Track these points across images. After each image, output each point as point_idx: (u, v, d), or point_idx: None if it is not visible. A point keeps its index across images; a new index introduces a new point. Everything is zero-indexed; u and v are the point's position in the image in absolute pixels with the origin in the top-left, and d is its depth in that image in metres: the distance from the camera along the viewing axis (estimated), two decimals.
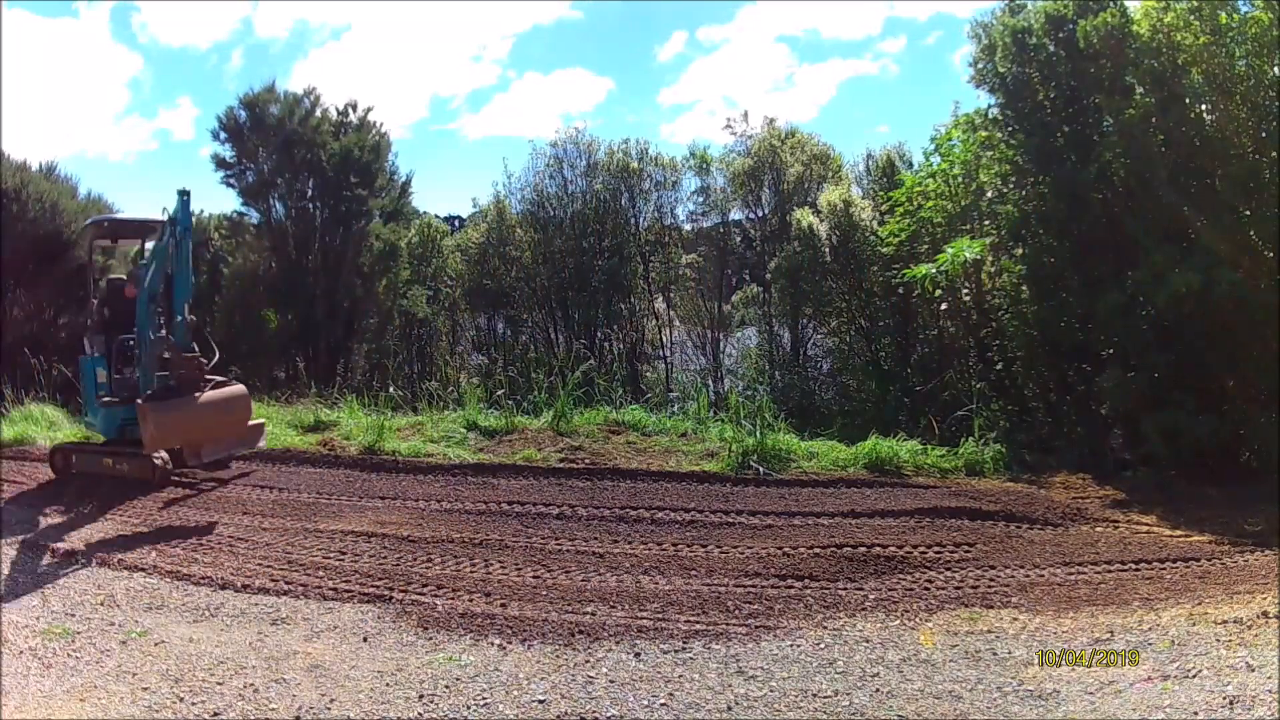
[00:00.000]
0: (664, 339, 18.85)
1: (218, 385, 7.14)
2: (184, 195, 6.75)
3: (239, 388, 7.35)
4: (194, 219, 7.14)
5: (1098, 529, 6.32)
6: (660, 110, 55.20)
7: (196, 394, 6.91)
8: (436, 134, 60.65)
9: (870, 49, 62.21)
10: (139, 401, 6.85)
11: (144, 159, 55.43)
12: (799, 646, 4.45)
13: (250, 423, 7.48)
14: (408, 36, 68.07)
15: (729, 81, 59.89)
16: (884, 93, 58.26)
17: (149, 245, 7.86)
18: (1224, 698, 3.77)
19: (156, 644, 4.39)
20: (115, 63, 57.55)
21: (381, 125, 20.04)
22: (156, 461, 7.38)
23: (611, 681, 4.06)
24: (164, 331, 7.08)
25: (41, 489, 7.58)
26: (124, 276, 8.56)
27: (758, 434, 8.10)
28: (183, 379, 6.89)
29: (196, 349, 7.03)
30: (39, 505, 7.02)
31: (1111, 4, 8.58)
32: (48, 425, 9.66)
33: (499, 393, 9.72)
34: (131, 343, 7.69)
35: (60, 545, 5.90)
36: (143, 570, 5.46)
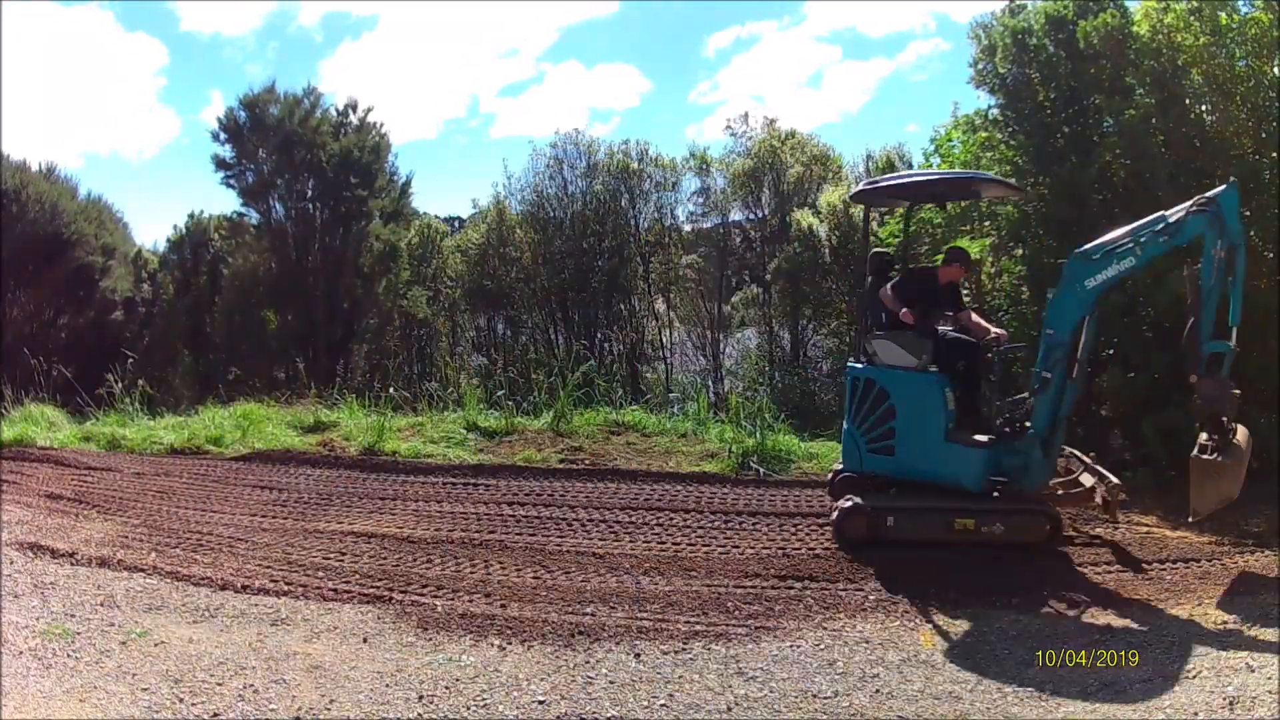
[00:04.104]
0: (664, 339, 18.87)
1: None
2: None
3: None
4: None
5: (1097, 529, 6.32)
6: (697, 108, 54.24)
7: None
8: (470, 130, 59.71)
9: (905, 47, 61.53)
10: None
11: (172, 153, 54.60)
12: (799, 647, 4.45)
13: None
14: (445, 33, 67.10)
15: (761, 81, 58.99)
16: (920, 92, 57.67)
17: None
18: (1224, 698, 3.77)
19: (156, 644, 4.39)
20: (137, 54, 56.86)
21: (382, 126, 20.12)
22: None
23: (611, 682, 4.06)
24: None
25: (41, 489, 7.58)
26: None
27: (758, 435, 8.09)
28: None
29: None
30: (38, 505, 7.01)
31: (1111, 4, 8.57)
32: (48, 426, 9.65)
33: (499, 393, 9.71)
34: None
35: (60, 545, 5.89)
36: (142, 570, 5.45)
